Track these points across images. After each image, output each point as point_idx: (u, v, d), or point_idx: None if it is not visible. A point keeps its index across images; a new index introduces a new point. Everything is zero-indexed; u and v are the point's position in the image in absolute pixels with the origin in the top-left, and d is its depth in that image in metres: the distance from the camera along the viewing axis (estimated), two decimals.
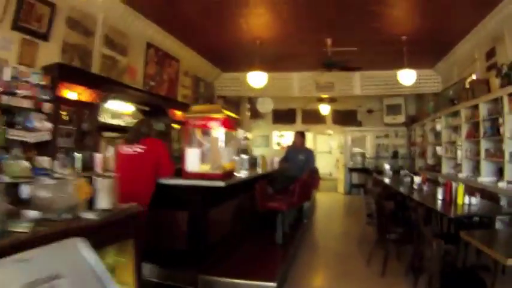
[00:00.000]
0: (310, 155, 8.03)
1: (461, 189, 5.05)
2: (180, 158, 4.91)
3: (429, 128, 11.59)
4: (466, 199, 4.98)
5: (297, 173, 7.40)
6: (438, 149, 10.55)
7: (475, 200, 4.98)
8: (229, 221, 5.56)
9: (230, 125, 4.84)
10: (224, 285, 4.35)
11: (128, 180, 4.09)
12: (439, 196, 5.25)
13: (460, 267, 4.50)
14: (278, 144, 16.60)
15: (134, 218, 3.10)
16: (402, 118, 14.44)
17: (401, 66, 8.71)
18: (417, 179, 6.56)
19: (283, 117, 16.40)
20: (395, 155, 14.45)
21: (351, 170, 14.46)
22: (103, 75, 7.14)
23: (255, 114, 15.98)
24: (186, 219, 4.53)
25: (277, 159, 8.23)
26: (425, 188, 6.41)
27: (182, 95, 10.47)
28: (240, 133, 8.04)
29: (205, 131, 4.78)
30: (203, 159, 4.63)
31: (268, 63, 10.22)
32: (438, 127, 10.42)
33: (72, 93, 6.11)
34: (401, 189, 6.76)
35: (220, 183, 4.30)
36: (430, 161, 11.57)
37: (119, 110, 7.84)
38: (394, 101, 14.38)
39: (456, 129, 9.45)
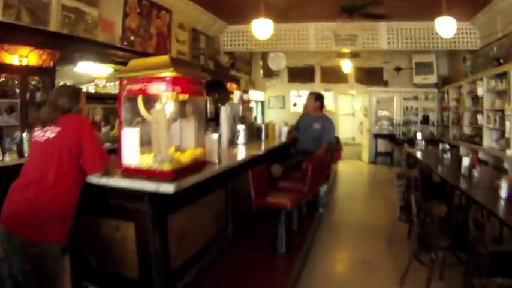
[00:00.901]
0: (327, 124, 6.21)
1: None
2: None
3: (466, 91, 9.87)
4: None
5: (310, 147, 5.96)
6: (479, 117, 8.86)
7: None
8: (210, 225, 4.09)
9: (189, 88, 3.07)
10: None
11: (32, 185, 2.67)
12: (503, 194, 3.67)
13: None
14: (295, 105, 14.97)
15: None
16: (434, 78, 12.64)
17: (433, 16, 6.97)
18: (465, 161, 4.90)
19: (300, 75, 14.68)
20: (425, 120, 12.74)
21: (376, 136, 12.81)
22: (63, 32, 5.66)
23: (269, 73, 14.35)
24: (133, 234, 3.10)
25: (285, 130, 6.72)
26: (476, 174, 4.79)
27: (177, 52, 8.93)
28: (236, 95, 6.33)
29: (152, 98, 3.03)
30: (148, 145, 3.03)
31: (279, 11, 8.61)
32: (479, 91, 8.67)
33: (15, 56, 4.84)
34: (443, 173, 5.23)
35: (167, 188, 2.76)
36: (467, 130, 9.89)
37: (92, 74, 6.59)
38: (425, 59, 12.54)
39: (502, 94, 7.78)
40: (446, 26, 6.62)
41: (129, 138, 2.93)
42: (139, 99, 3.02)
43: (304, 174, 4.81)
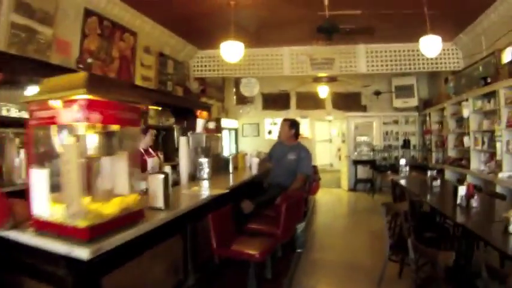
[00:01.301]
0: (303, 153, 5.54)
1: None
2: None
3: (450, 113, 9.50)
4: None
5: (285, 181, 5.34)
6: (465, 139, 8.41)
7: None
8: (164, 279, 3.36)
9: (116, 115, 2.41)
10: None
11: None
12: None
13: None
14: (269, 133, 14.45)
15: None
16: (415, 101, 12.32)
17: (415, 36, 6.57)
18: (461, 190, 4.32)
19: (274, 101, 14.26)
20: (406, 144, 12.30)
21: (356, 162, 12.27)
22: (8, 52, 5.07)
23: (242, 99, 13.87)
24: None
25: (256, 161, 6.09)
26: (474, 204, 4.21)
27: (141, 77, 8.32)
28: (199, 123, 5.65)
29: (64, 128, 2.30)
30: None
31: (251, 35, 8.17)
32: (465, 112, 8.24)
33: None
34: (436, 204, 4.68)
35: (80, 253, 2.05)
36: (452, 152, 9.48)
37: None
38: (405, 81, 12.22)
39: (490, 114, 7.41)
40: (430, 45, 6.22)
41: (37, 181, 2.24)
42: (53, 129, 2.34)
43: (278, 214, 4.14)
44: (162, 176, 2.93)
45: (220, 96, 13.34)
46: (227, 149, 12.80)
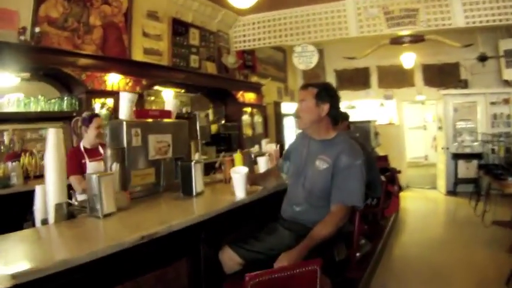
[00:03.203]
0: (346, 160, 2.50)
1: None
2: None
3: None
4: None
5: (306, 214, 2.56)
6: None
7: None
8: None
9: None
10: None
11: None
12: None
13: None
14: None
15: None
16: None
17: None
18: None
19: (351, 80, 11.47)
20: None
21: (456, 156, 9.18)
22: None
23: (311, 79, 11.19)
24: None
25: (244, 172, 3.06)
26: None
27: (144, 50, 6.27)
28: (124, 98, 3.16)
29: None
30: None
31: None
32: None
33: None
34: None
35: None
36: None
37: None
38: None
39: None
40: None
41: None
42: None
43: None
44: None
45: (280, 75, 10.98)
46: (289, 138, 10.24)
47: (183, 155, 3.07)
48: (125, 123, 2.70)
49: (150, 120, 2.93)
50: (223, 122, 7.60)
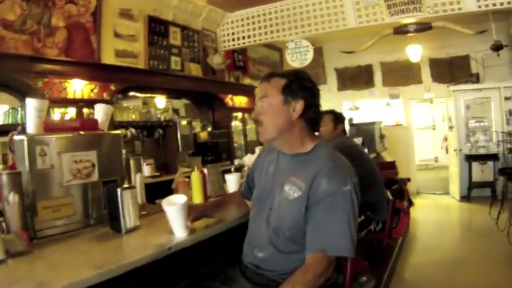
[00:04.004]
0: (332, 189, 1.64)
1: None
2: None
3: None
4: None
5: (269, 260, 1.78)
6: None
7: None
8: None
9: None
10: None
11: None
12: None
13: None
14: (350, 121, 10.87)
15: None
16: None
17: None
18: None
19: (353, 78, 10.65)
20: None
21: (469, 157, 8.36)
22: None
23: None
24: None
25: (181, 203, 1.90)
26: None
27: (116, 52, 5.67)
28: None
29: None
30: None
31: None
32: None
33: None
34: None
35: None
36: None
37: None
38: None
39: None
40: None
41: None
42: None
43: None
44: None
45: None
46: None
47: (117, 177, 2.32)
48: (26, 139, 1.97)
49: (65, 134, 2.18)
50: (209, 129, 6.87)
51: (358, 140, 7.62)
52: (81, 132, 2.23)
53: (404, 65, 9.68)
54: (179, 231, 1.92)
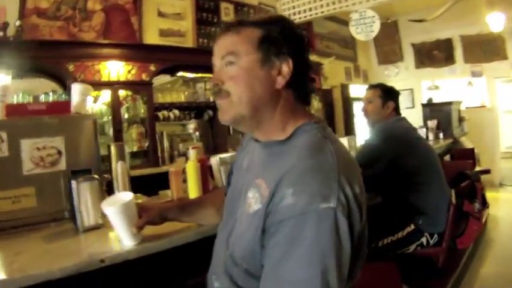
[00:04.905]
0: (299, 206, 0.96)
1: None
2: None
3: None
4: None
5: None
6: None
7: None
8: None
9: None
10: None
11: None
12: None
13: None
14: (429, 102, 9.95)
15: None
16: None
17: None
18: None
19: (431, 55, 9.71)
20: None
21: None
22: None
23: (387, 57, 9.94)
24: None
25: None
26: None
27: (160, 31, 5.48)
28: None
29: None
30: None
31: None
32: None
33: None
34: None
35: None
36: None
37: None
38: None
39: None
40: None
41: None
42: None
43: None
44: None
45: (347, 53, 9.66)
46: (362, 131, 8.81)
47: (90, 166, 2.02)
48: None
49: (26, 119, 1.93)
50: None
51: (432, 123, 6.93)
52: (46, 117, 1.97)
53: (486, 38, 8.64)
54: (125, 238, 1.54)
